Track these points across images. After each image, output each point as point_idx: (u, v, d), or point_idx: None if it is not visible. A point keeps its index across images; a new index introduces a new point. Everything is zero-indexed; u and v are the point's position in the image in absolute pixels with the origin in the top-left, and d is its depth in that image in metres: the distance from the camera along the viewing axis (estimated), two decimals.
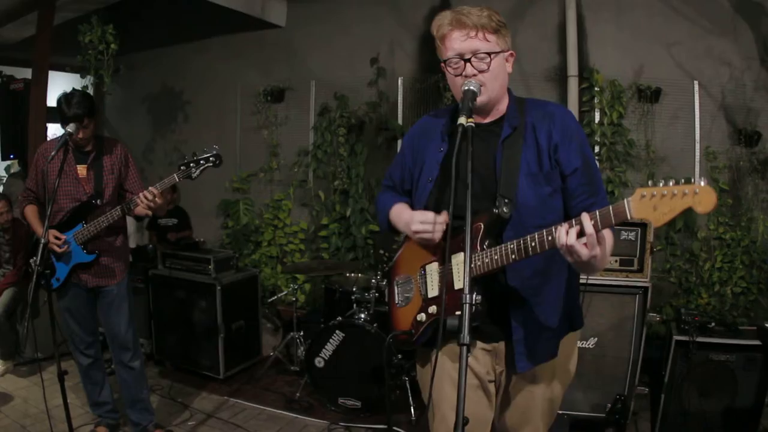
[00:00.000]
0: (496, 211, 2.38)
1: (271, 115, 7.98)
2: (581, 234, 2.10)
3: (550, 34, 6.36)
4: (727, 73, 5.82)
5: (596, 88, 6.11)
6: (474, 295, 2.03)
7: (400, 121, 7.19)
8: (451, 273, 2.50)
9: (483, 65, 2.42)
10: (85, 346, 4.58)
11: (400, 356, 5.24)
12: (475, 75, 2.42)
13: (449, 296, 2.45)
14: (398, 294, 2.87)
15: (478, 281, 2.40)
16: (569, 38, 6.11)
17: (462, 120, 2.25)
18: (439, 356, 2.32)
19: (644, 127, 6.09)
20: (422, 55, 7.12)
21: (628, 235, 4.78)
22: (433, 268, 2.64)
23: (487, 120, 2.59)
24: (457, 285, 2.48)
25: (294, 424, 5.26)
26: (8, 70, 7.92)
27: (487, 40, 2.42)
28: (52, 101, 6.86)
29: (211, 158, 4.23)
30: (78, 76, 7.16)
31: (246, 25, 7.75)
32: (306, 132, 7.79)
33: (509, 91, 2.61)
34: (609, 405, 4.73)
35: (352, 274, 6.37)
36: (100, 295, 4.49)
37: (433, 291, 2.62)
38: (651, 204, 1.95)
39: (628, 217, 2.00)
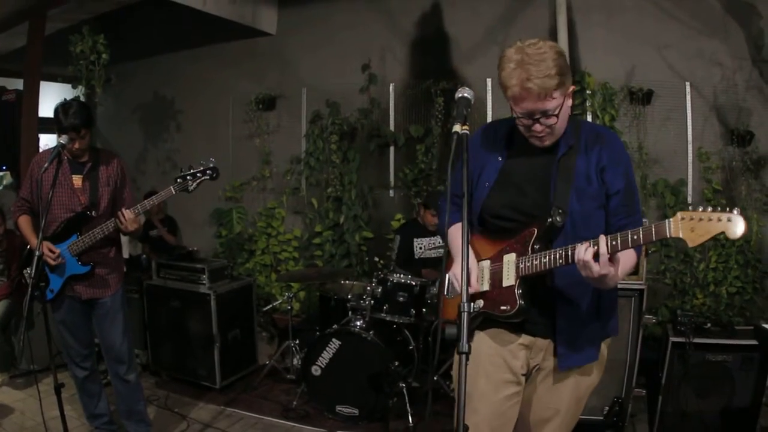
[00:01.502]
0: (550, 219, 2.56)
1: (263, 123, 7.98)
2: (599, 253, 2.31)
3: (541, 38, 6.34)
4: (718, 73, 5.84)
5: (588, 91, 6.12)
6: (472, 304, 2.08)
7: (392, 128, 7.20)
8: (501, 271, 2.67)
9: (551, 121, 2.53)
10: (81, 358, 4.55)
11: (396, 363, 5.24)
12: (542, 130, 2.56)
13: (496, 292, 2.69)
14: (449, 285, 2.99)
15: (525, 280, 2.61)
16: (560, 42, 6.10)
17: (456, 128, 2.33)
18: (475, 350, 2.52)
19: (636, 129, 6.10)
20: (413, 60, 7.13)
21: None
22: (484, 265, 2.79)
23: None
24: (505, 282, 2.65)
25: None
26: (0, 81, 7.90)
27: (553, 98, 2.47)
28: (44, 112, 6.86)
29: (207, 171, 4.23)
30: (70, 86, 7.16)
31: (237, 33, 7.75)
32: (298, 139, 7.79)
33: None
34: (606, 408, 4.73)
35: (347, 282, 6.37)
36: (95, 307, 4.46)
37: (482, 286, 2.76)
38: (689, 226, 2.13)
39: (668, 236, 2.18)
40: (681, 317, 4.78)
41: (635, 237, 2.25)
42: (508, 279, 2.63)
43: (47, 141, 7.94)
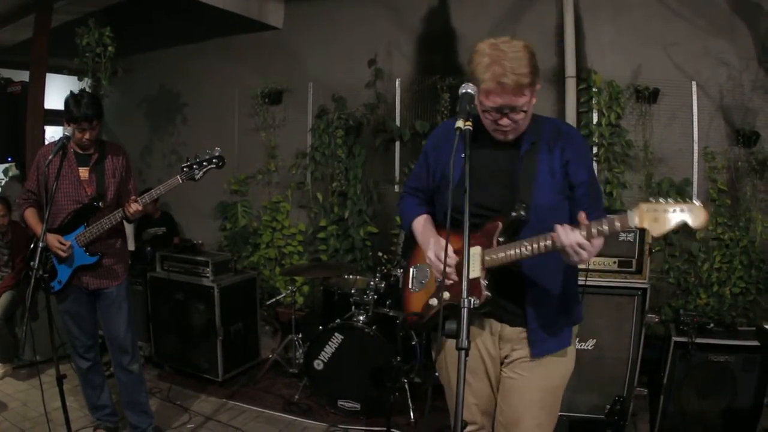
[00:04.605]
0: (514, 214, 2.63)
1: (269, 117, 7.98)
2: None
3: (548, 35, 6.35)
4: (725, 73, 5.82)
5: (594, 89, 6.11)
6: (473, 300, 2.10)
7: (397, 123, 7.19)
8: (467, 263, 2.65)
9: (518, 117, 2.60)
10: (85, 349, 4.59)
11: (398, 358, 5.24)
12: (509, 124, 2.62)
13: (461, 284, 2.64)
14: (413, 279, 3.10)
15: (492, 271, 2.66)
16: (567, 39, 6.11)
17: (459, 123, 2.37)
18: (448, 343, 2.71)
19: (642, 127, 6.08)
20: (420, 56, 7.12)
21: (626, 237, 4.78)
22: None
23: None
24: (471, 275, 2.60)
25: (293, 427, 5.26)
26: (6, 73, 7.91)
27: (524, 94, 2.54)
28: (49, 104, 6.87)
29: (214, 160, 4.29)
30: (75, 78, 7.16)
31: (243, 27, 7.75)
32: (304, 134, 7.79)
33: None
34: (608, 406, 4.72)
35: (351, 276, 6.37)
36: (100, 297, 4.50)
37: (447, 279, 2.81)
38: (653, 216, 2.27)
39: (632, 227, 2.33)
40: (684, 317, 4.77)
41: (600, 228, 2.37)
42: (474, 271, 2.67)
43: (52, 133, 7.95)
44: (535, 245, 2.53)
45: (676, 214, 2.22)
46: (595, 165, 6.15)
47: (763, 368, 4.54)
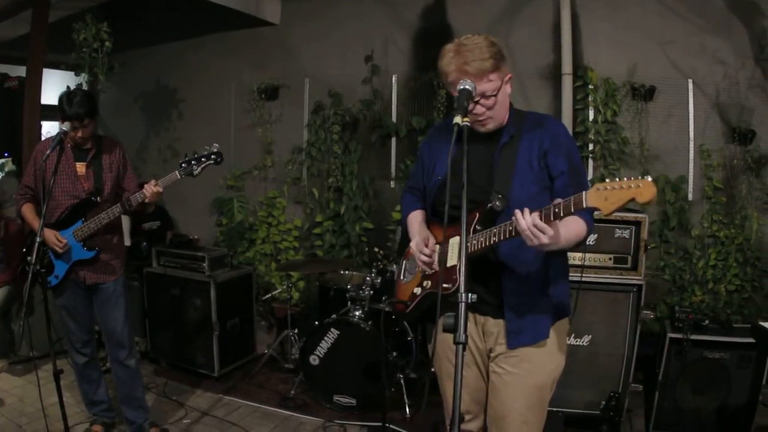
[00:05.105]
0: (490, 204, 2.72)
1: (265, 113, 7.97)
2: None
3: (545, 32, 6.36)
4: (721, 71, 5.83)
5: (590, 86, 6.11)
6: (470, 295, 2.11)
7: (394, 119, 7.19)
8: (446, 252, 2.84)
9: (489, 102, 2.74)
10: (82, 344, 4.59)
11: (395, 354, 5.25)
12: (483, 112, 2.75)
13: (440, 273, 2.84)
14: (405, 271, 3.25)
15: (471, 260, 2.67)
16: (564, 36, 6.11)
17: (458, 119, 2.40)
18: (441, 335, 2.62)
19: (638, 125, 6.09)
20: (416, 52, 7.12)
21: (622, 233, 4.79)
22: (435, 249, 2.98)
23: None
24: (449, 263, 2.82)
25: (289, 422, 5.27)
26: (2, 68, 7.87)
27: (490, 80, 2.69)
28: (46, 99, 6.85)
29: (212, 156, 4.30)
30: (72, 74, 7.15)
31: (241, 22, 7.73)
32: (300, 129, 7.78)
33: (510, 104, 2.89)
34: (603, 402, 4.74)
35: (347, 272, 6.38)
36: (97, 292, 4.50)
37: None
38: (603, 195, 2.28)
39: (584, 206, 2.33)
40: (679, 314, 4.80)
41: (556, 210, 2.39)
42: (452, 259, 2.80)
43: (49, 128, 7.94)
44: (502, 230, 2.60)
45: (624, 192, 2.24)
46: (590, 162, 6.17)
47: (758, 365, 4.56)
